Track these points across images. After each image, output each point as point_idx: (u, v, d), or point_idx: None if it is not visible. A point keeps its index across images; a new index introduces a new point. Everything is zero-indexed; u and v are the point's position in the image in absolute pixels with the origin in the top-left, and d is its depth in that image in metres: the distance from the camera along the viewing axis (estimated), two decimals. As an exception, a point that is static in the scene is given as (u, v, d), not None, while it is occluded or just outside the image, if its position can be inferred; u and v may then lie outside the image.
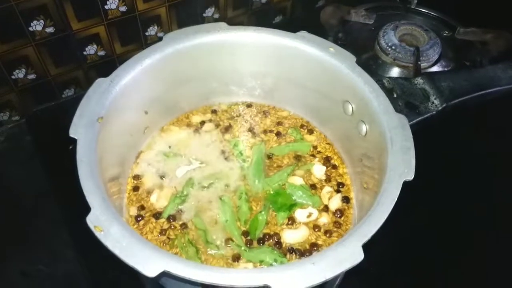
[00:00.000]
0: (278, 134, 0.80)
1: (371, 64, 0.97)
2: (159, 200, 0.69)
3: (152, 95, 0.71)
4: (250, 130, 0.80)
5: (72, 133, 0.55)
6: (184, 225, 0.67)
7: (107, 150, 0.60)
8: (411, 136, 0.59)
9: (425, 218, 0.78)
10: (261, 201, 0.70)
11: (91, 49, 1.01)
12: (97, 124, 0.57)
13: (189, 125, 0.80)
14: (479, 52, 1.01)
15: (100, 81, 0.61)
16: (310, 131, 0.80)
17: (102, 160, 0.57)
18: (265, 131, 0.80)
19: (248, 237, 0.66)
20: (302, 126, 0.81)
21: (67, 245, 0.76)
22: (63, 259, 0.75)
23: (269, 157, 0.76)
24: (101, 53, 1.02)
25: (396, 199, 0.53)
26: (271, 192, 0.71)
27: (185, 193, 0.69)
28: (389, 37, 0.97)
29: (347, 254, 0.47)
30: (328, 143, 0.79)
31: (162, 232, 0.66)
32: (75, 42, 0.97)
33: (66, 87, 1.05)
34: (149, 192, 0.70)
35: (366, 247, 0.49)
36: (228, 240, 0.65)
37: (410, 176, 0.55)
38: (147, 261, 0.45)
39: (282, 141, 0.78)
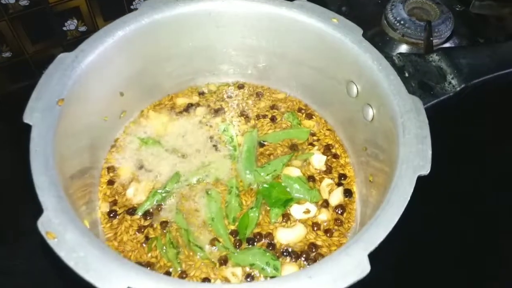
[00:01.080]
0: (272, 119, 0.72)
1: (377, 41, 0.90)
2: (136, 195, 0.62)
3: (127, 73, 0.63)
4: (242, 114, 0.73)
5: (27, 119, 0.47)
6: (164, 223, 0.59)
7: (72, 137, 0.53)
8: (427, 122, 0.52)
9: (439, 213, 0.70)
10: (253, 196, 0.63)
11: (71, 24, 0.96)
12: (56, 107, 0.49)
13: (173, 108, 0.72)
14: (495, 29, 0.94)
15: (62, 57, 0.53)
16: (309, 116, 0.73)
17: (64, 150, 0.50)
18: (258, 116, 0.72)
19: (237, 237, 0.59)
20: (300, 109, 0.74)
21: (43, 240, 0.71)
22: (39, 255, 0.69)
23: (262, 144, 0.68)
24: (82, 28, 0.97)
25: (409, 198, 0.45)
26: (265, 186, 0.63)
27: (167, 189, 0.62)
28: (398, 11, 0.90)
29: (350, 266, 0.40)
30: (328, 129, 0.72)
31: (140, 230, 0.59)
32: (52, 16, 0.90)
33: (46, 66, 0.99)
34: (125, 186, 0.63)
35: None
36: (214, 240, 0.58)
37: (426, 170, 0.47)
38: (108, 275, 0.38)
39: (277, 127, 0.71)
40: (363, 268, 0.40)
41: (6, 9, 0.85)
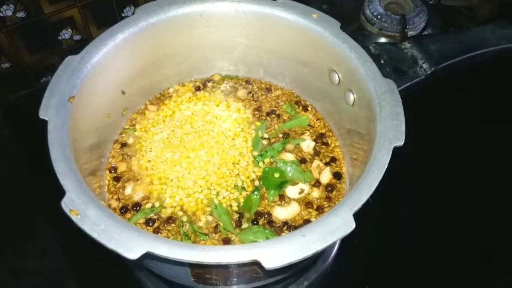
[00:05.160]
0: (273, 113, 0.76)
1: (357, 36, 0.95)
2: (135, 193, 0.65)
3: (128, 73, 0.67)
4: (238, 108, 0.76)
5: (42, 115, 0.52)
6: (171, 220, 0.63)
7: (81, 133, 0.57)
8: (400, 101, 0.57)
9: (417, 185, 0.77)
10: (253, 181, 0.67)
11: (66, 34, 0.98)
12: (68, 104, 0.54)
13: (170, 104, 0.76)
14: (465, 18, 1.00)
15: (70, 59, 0.58)
16: (305, 108, 0.77)
17: (76, 145, 0.54)
18: (258, 109, 0.76)
19: (240, 218, 0.64)
20: (296, 102, 0.78)
21: (54, 239, 0.75)
22: (51, 254, 0.74)
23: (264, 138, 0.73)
24: (77, 37, 1.00)
25: (386, 166, 0.51)
26: (266, 169, 0.68)
27: (157, 205, 0.65)
28: (374, 7, 0.96)
29: (338, 224, 0.45)
30: (318, 118, 0.76)
31: (156, 232, 0.62)
32: (48, 27, 0.93)
33: (43, 74, 1.03)
34: (125, 183, 0.67)
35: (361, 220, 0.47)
36: (217, 227, 0.63)
37: (400, 141, 0.53)
38: (128, 243, 0.43)
39: (280, 121, 0.75)
40: (349, 226, 0.45)
41: (4, 22, 0.88)
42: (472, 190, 0.78)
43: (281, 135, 0.73)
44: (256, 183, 0.67)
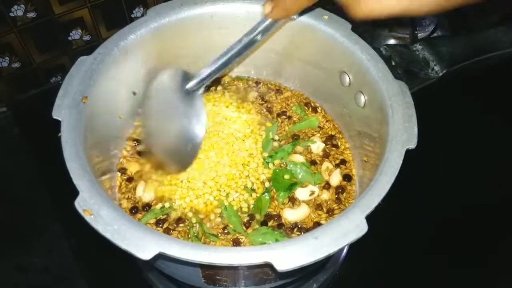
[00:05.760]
0: (283, 114, 0.76)
1: (366, 38, 0.93)
2: (145, 193, 0.65)
3: (139, 74, 0.67)
4: (248, 109, 0.76)
5: (56, 115, 0.52)
6: (181, 220, 0.63)
7: (93, 133, 0.57)
8: (412, 103, 0.57)
9: (427, 186, 0.76)
10: (263, 183, 0.67)
11: (75, 34, 0.99)
12: (81, 104, 0.54)
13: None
14: (476, 20, 0.99)
15: (82, 59, 0.58)
16: (314, 109, 0.77)
17: (88, 144, 0.54)
18: (270, 110, 0.76)
19: (250, 220, 0.64)
20: (306, 104, 0.77)
21: (61, 236, 0.76)
22: (58, 251, 0.74)
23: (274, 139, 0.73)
24: (87, 37, 1.00)
25: (399, 169, 0.51)
26: (276, 170, 0.68)
27: (167, 206, 0.64)
28: (384, 8, 0.95)
29: (350, 227, 0.45)
30: (328, 120, 0.76)
31: (166, 232, 0.62)
32: (58, 27, 0.94)
33: (53, 74, 1.03)
34: (136, 183, 0.67)
35: (371, 221, 0.47)
36: (225, 227, 0.63)
37: (413, 144, 0.53)
38: (141, 243, 0.43)
39: (291, 123, 0.75)
40: (361, 228, 0.45)
41: (14, 21, 0.89)
42: (481, 190, 0.78)
43: (290, 137, 0.73)
44: (266, 184, 0.67)
